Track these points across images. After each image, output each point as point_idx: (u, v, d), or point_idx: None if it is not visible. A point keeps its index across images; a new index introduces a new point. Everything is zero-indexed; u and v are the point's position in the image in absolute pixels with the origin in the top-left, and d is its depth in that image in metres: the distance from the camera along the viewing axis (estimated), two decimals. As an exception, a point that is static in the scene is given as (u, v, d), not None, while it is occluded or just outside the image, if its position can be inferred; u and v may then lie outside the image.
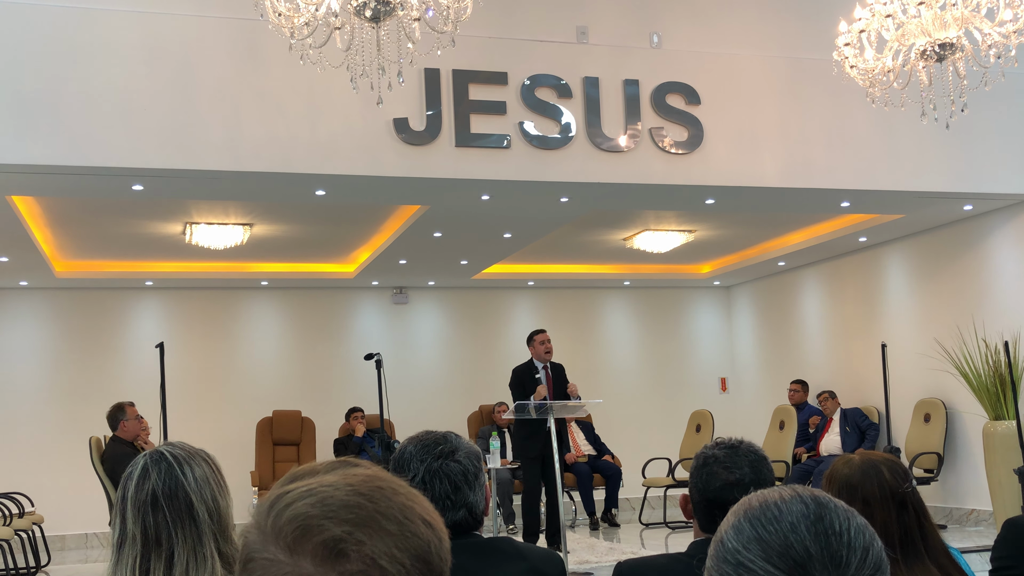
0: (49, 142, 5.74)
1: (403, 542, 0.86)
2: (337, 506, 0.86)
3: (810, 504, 1.00)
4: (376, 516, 0.86)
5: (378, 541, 0.85)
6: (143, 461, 1.78)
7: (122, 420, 7.06)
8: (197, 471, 1.78)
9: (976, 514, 8.37)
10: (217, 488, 1.80)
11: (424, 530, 0.88)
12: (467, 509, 2.13)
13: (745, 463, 2.20)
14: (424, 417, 9.70)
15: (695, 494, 2.21)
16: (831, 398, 9.54)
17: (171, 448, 1.81)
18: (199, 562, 1.71)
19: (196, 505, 1.74)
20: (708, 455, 2.21)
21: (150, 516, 1.72)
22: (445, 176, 6.45)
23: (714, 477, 2.17)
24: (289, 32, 4.53)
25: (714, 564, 1.00)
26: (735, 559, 0.98)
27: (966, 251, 8.55)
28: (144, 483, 1.75)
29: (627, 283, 11.54)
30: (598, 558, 7.21)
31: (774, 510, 1.00)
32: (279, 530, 0.86)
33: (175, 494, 1.73)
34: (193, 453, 1.82)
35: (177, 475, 1.76)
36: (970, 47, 4.83)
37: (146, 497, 1.73)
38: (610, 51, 6.89)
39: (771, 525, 0.98)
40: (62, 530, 9.43)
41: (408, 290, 11.12)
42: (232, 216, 8.04)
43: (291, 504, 0.87)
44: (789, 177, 7.15)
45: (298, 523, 0.86)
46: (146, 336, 10.03)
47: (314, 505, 0.87)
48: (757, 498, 1.03)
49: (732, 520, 1.02)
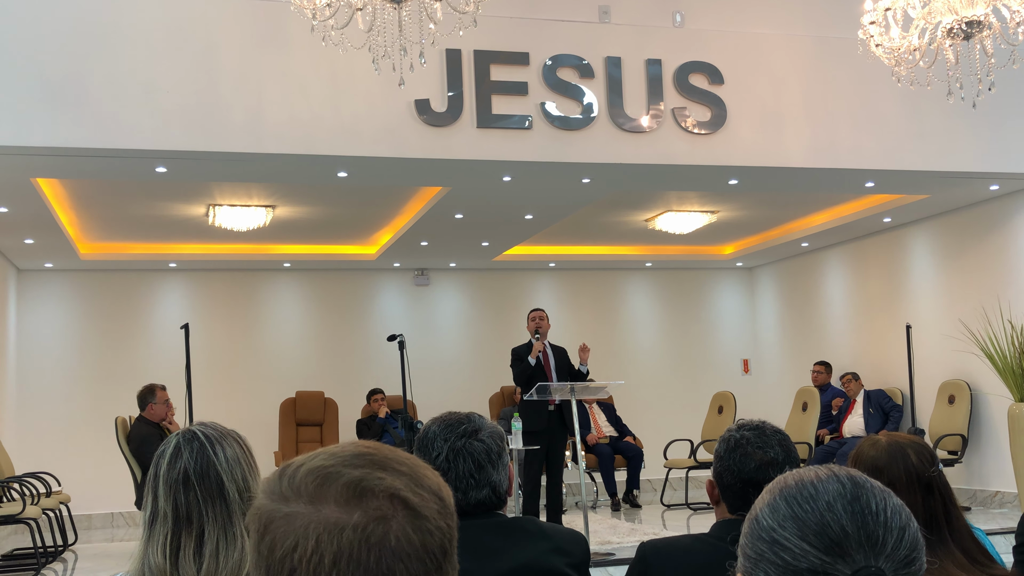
0: (74, 125, 5.77)
1: (418, 480, 0.89)
2: (349, 456, 0.89)
3: (846, 483, 0.99)
4: (387, 461, 0.90)
5: (396, 478, 0.88)
6: (175, 440, 1.80)
7: (151, 402, 7.13)
8: (228, 451, 1.80)
9: (1001, 496, 8.32)
10: (248, 468, 1.81)
11: (432, 474, 0.92)
12: (491, 488, 2.14)
13: (775, 442, 2.21)
14: (446, 398, 9.73)
15: (728, 476, 2.20)
16: (854, 380, 9.50)
17: (203, 428, 1.83)
18: (229, 540, 1.72)
19: (227, 484, 1.76)
20: (738, 437, 2.21)
21: (181, 494, 1.74)
22: (467, 157, 6.44)
23: (748, 458, 2.17)
24: (311, 13, 4.53)
25: (749, 542, 1.00)
26: (770, 536, 0.98)
27: (992, 231, 8.47)
28: (176, 462, 1.76)
29: (649, 264, 11.51)
30: (620, 539, 7.22)
31: (810, 489, 0.99)
32: (297, 487, 0.87)
33: (206, 473, 1.75)
34: (225, 433, 1.84)
35: (209, 454, 1.77)
36: (998, 24, 4.76)
37: (178, 475, 1.75)
38: (632, 31, 6.85)
39: (807, 504, 0.98)
40: (88, 509, 9.54)
41: (429, 272, 11.14)
42: (255, 198, 8.07)
43: (303, 464, 0.90)
44: (813, 157, 7.09)
45: (316, 474, 0.87)
46: (170, 318, 10.10)
47: (327, 458, 0.89)
48: (793, 477, 1.02)
49: (767, 498, 1.01)
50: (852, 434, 9.23)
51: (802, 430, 9.34)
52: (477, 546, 2.07)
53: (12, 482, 7.22)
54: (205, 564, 1.70)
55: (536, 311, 7.75)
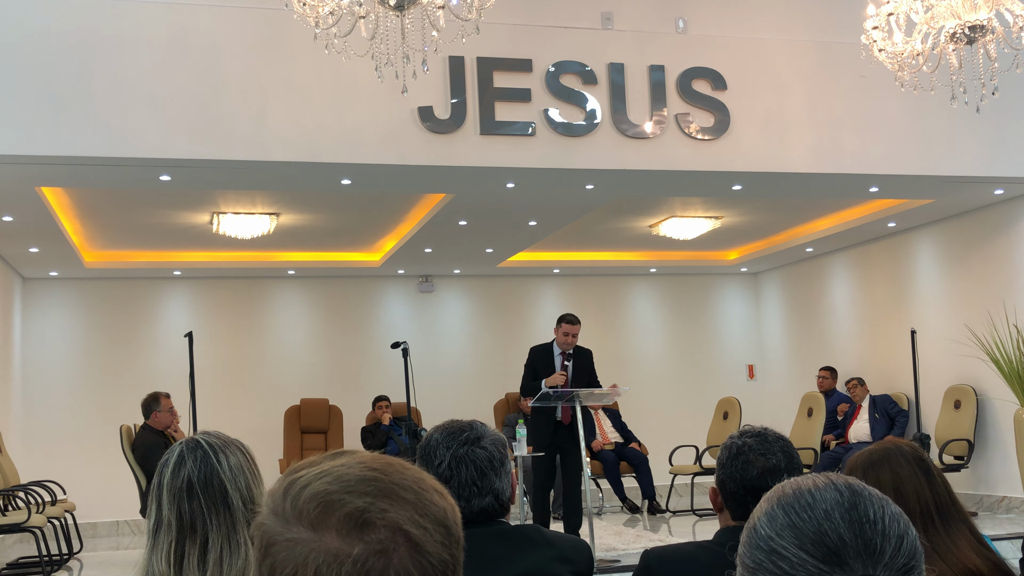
0: (78, 133, 5.79)
1: (422, 509, 0.87)
2: (354, 481, 0.87)
3: (844, 492, 0.99)
4: (393, 487, 0.88)
5: (400, 509, 0.86)
6: (179, 448, 1.81)
7: (155, 411, 7.14)
8: (232, 459, 1.80)
9: (1007, 501, 8.30)
10: (251, 477, 1.82)
11: (438, 499, 0.90)
12: (493, 495, 2.14)
13: (777, 449, 2.21)
14: (450, 405, 9.73)
15: (731, 484, 2.20)
16: (860, 385, 9.48)
17: (207, 436, 1.84)
18: (233, 549, 1.73)
19: (231, 493, 1.76)
20: (740, 444, 2.21)
21: (185, 503, 1.74)
22: (470, 164, 6.45)
23: (751, 465, 2.17)
24: (314, 21, 4.54)
25: (747, 551, 1.00)
26: (768, 546, 0.98)
27: (997, 235, 8.45)
28: (180, 470, 1.77)
29: (653, 270, 11.50)
30: (625, 545, 7.22)
31: (808, 497, 0.99)
32: (299, 510, 0.86)
33: (210, 481, 1.76)
34: (228, 442, 1.84)
35: (212, 463, 1.78)
36: (1001, 29, 4.77)
37: (182, 484, 1.75)
38: (635, 37, 6.85)
39: (805, 512, 0.98)
40: (94, 518, 9.55)
41: (434, 278, 11.15)
42: (259, 206, 8.08)
43: (308, 485, 0.88)
44: (817, 162, 7.09)
45: (319, 500, 0.86)
46: (174, 325, 10.12)
47: (331, 483, 0.87)
48: (791, 485, 1.02)
49: (765, 507, 1.01)
50: (858, 439, 9.21)
51: (807, 436, 9.32)
52: (480, 554, 2.07)
53: (17, 490, 7.23)
54: (209, 572, 1.70)
55: (571, 324, 6.95)
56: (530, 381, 7.03)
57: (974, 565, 1.91)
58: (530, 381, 7.03)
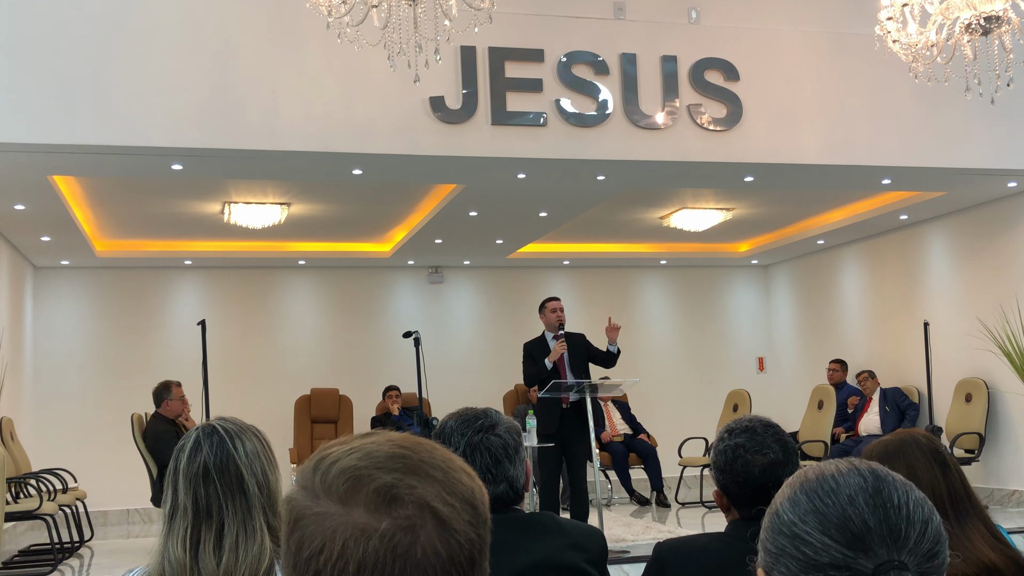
0: (90, 122, 5.80)
1: (450, 487, 0.88)
2: (384, 457, 0.88)
3: (868, 477, 0.99)
4: (422, 464, 0.88)
5: (428, 486, 0.87)
6: (195, 434, 1.81)
7: (166, 399, 7.15)
8: (248, 445, 1.80)
9: (1019, 495, 8.28)
10: (267, 463, 1.82)
11: (466, 479, 0.91)
12: (508, 483, 2.14)
13: (770, 440, 2.15)
14: (460, 395, 9.70)
15: (735, 488, 2.14)
16: (870, 378, 9.46)
17: (223, 422, 1.84)
18: (248, 534, 1.73)
19: (246, 478, 1.77)
20: (733, 446, 2.14)
21: (201, 488, 1.74)
22: (481, 155, 6.44)
23: (750, 465, 2.12)
24: (326, 10, 4.53)
25: (769, 536, 1.00)
26: (791, 531, 0.97)
27: (1010, 228, 8.41)
28: (196, 455, 1.77)
29: (664, 262, 11.48)
30: (634, 536, 7.22)
31: (831, 483, 0.99)
32: (329, 485, 0.87)
33: (226, 467, 1.76)
34: (244, 428, 1.85)
35: (228, 448, 1.78)
36: (1017, 20, 4.73)
37: (198, 469, 1.76)
38: (647, 27, 6.83)
39: (828, 498, 0.97)
40: (104, 506, 9.60)
41: (444, 269, 11.15)
42: (270, 195, 8.09)
43: (337, 460, 0.89)
44: (829, 154, 7.06)
45: (348, 475, 0.87)
46: (185, 315, 10.15)
47: (361, 458, 0.88)
48: (814, 470, 1.02)
49: (788, 492, 1.01)
50: (868, 432, 9.19)
51: (818, 428, 9.30)
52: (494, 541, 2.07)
53: (29, 478, 7.26)
54: (225, 557, 1.70)
55: (554, 301, 7.15)
56: (531, 367, 7.05)
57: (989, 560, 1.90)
58: (531, 367, 7.05)
